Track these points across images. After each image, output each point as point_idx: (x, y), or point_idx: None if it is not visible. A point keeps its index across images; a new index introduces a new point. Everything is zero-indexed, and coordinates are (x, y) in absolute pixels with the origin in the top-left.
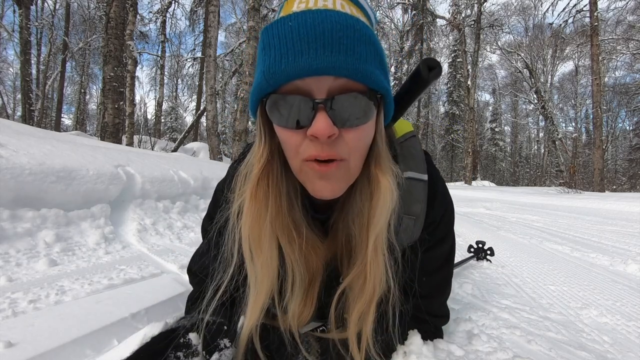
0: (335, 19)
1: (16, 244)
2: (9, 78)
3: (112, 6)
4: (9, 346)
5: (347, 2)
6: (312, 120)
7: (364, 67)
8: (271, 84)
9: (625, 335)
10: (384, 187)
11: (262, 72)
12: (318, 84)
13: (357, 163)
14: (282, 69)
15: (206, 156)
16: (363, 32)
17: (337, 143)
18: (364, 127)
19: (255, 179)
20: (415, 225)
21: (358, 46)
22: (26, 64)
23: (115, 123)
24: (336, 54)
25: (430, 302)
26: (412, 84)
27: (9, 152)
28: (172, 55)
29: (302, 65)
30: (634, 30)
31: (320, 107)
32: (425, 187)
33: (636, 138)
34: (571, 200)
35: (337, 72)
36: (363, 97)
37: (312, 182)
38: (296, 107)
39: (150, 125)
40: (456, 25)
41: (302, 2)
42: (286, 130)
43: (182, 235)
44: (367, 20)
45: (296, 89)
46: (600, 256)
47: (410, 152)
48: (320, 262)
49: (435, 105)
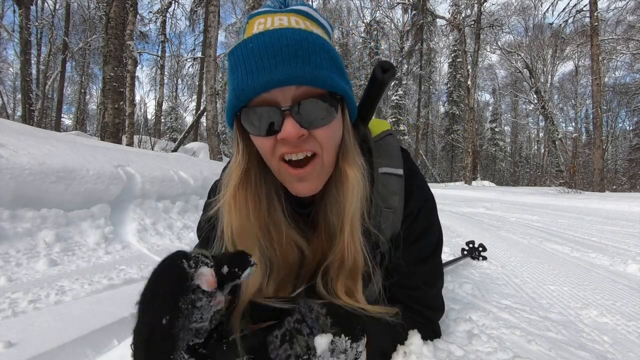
0: (290, 35)
1: (16, 244)
2: (9, 78)
3: (112, 6)
4: (9, 346)
5: (301, 17)
6: (281, 126)
7: (321, 74)
8: (241, 99)
9: (625, 335)
10: (351, 178)
11: (232, 90)
12: (282, 94)
13: (329, 158)
14: (249, 86)
15: (206, 156)
16: (316, 43)
17: (308, 141)
18: (330, 125)
19: (233, 187)
20: (395, 217)
21: (313, 56)
22: (26, 64)
23: (115, 123)
24: (294, 66)
25: (424, 292)
26: (372, 86)
27: (9, 152)
28: (172, 55)
29: (266, 80)
30: (634, 30)
31: (287, 113)
32: (400, 181)
33: (636, 138)
34: (571, 200)
35: (298, 81)
36: (324, 100)
37: (291, 183)
38: (266, 116)
39: (150, 125)
40: (456, 25)
41: (261, 24)
42: (260, 138)
43: (182, 235)
44: (322, 31)
45: (264, 100)
46: (600, 256)
47: (385, 149)
48: (297, 258)
49: (435, 105)
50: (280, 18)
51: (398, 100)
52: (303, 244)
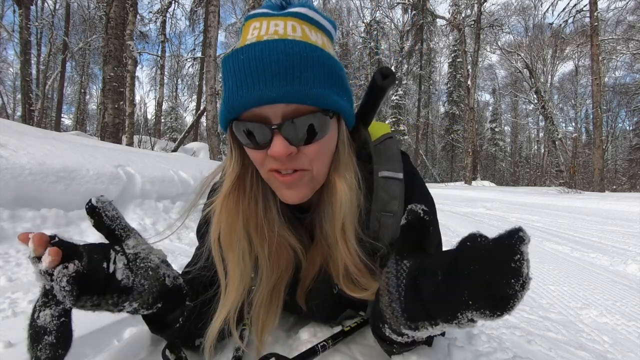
0: (282, 49)
1: (16, 244)
2: (9, 78)
3: (112, 6)
4: (9, 346)
5: (299, 22)
6: (270, 143)
7: (313, 92)
8: (232, 112)
9: (625, 335)
10: (339, 190)
11: (224, 101)
12: (273, 111)
13: (321, 171)
14: (238, 100)
15: (206, 156)
16: (310, 58)
17: (298, 157)
18: (322, 141)
19: (227, 190)
20: (394, 221)
21: (305, 72)
22: (26, 64)
23: (115, 123)
24: (284, 84)
25: None
26: (371, 93)
27: (9, 152)
28: (172, 55)
29: (255, 97)
30: (634, 30)
31: (276, 131)
32: (401, 185)
33: (636, 138)
34: (571, 200)
35: (287, 99)
36: (315, 118)
37: (280, 190)
38: (255, 132)
39: (150, 125)
40: (456, 25)
41: (256, 29)
42: (250, 150)
43: (182, 235)
44: (323, 34)
45: (254, 115)
46: (600, 256)
47: (385, 153)
48: (291, 261)
49: (435, 105)
50: (276, 24)
51: (398, 100)
52: (297, 246)
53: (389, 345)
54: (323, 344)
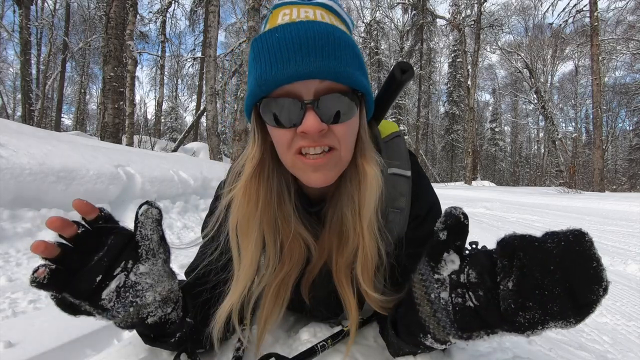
0: (317, 29)
1: (16, 244)
2: (9, 78)
3: (112, 6)
4: (9, 346)
5: (326, 12)
6: (302, 119)
7: (346, 70)
8: (263, 89)
9: (625, 335)
10: (370, 175)
11: (254, 79)
12: (305, 87)
13: (347, 153)
14: (272, 76)
15: (206, 156)
16: (343, 39)
17: (327, 135)
18: (349, 122)
19: (248, 176)
20: (401, 218)
21: (339, 51)
22: (26, 64)
23: (115, 123)
24: (320, 60)
25: None
26: (389, 86)
27: (9, 152)
28: (172, 55)
29: (290, 72)
30: (634, 30)
31: (309, 107)
32: (408, 182)
33: (636, 138)
34: (571, 200)
35: (322, 75)
36: (346, 96)
37: (306, 174)
38: (287, 108)
39: (150, 125)
40: (456, 25)
41: (286, 15)
42: (278, 129)
43: (182, 235)
44: (345, 27)
45: (286, 92)
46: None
47: (394, 150)
48: (303, 256)
49: (435, 105)
50: (306, 10)
51: (398, 100)
52: (310, 240)
53: (412, 347)
54: (323, 344)
